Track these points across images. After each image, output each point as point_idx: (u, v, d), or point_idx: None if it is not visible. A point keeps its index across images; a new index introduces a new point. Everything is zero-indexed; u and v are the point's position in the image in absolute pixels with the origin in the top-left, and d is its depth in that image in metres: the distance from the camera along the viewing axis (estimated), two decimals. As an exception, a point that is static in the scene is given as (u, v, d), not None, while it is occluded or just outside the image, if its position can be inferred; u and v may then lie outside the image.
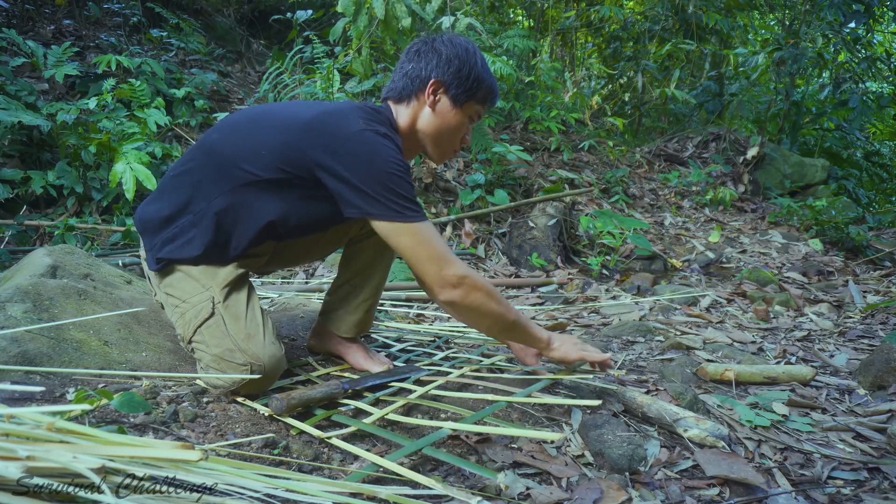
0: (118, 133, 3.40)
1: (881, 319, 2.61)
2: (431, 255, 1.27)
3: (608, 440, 1.25)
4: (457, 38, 1.40)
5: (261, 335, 1.32)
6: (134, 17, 5.15)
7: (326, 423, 1.28)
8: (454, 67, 1.36)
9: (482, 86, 1.39)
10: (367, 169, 1.24)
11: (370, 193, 1.24)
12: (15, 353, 1.25)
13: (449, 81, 1.37)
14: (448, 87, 1.37)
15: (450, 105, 1.39)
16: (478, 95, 1.39)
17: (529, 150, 5.23)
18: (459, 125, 1.41)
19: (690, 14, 6.12)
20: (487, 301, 1.32)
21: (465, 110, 1.40)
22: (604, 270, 3.67)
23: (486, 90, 1.40)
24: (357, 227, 1.59)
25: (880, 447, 1.38)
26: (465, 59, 1.36)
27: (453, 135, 1.43)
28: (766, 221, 5.03)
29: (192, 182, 1.35)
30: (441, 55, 1.37)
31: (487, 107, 1.44)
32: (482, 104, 1.42)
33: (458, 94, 1.38)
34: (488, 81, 1.40)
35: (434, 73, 1.37)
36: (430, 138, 1.42)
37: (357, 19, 3.66)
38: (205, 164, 1.35)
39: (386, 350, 1.85)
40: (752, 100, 6.71)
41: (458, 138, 1.44)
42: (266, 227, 1.33)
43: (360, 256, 1.62)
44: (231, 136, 1.35)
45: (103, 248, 2.97)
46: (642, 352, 2.06)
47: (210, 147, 1.36)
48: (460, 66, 1.36)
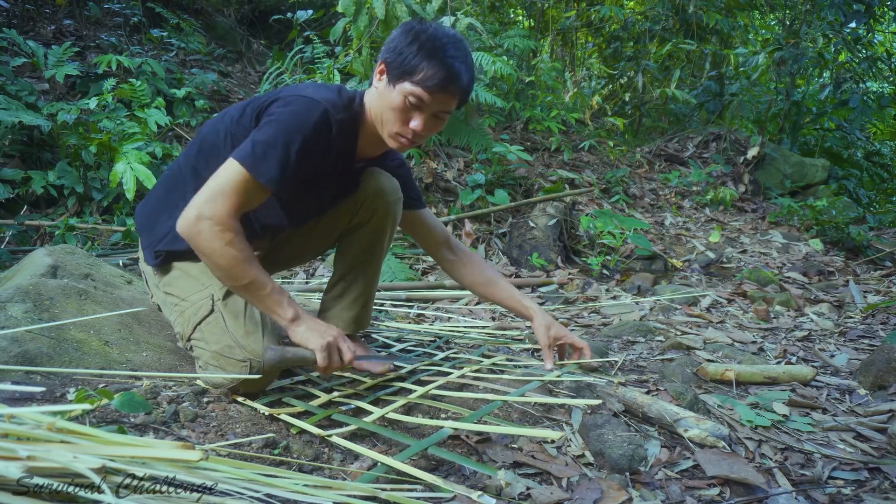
0: (118, 133, 3.40)
1: (882, 319, 2.61)
2: (213, 187, 1.24)
3: (608, 440, 1.25)
4: (425, 24, 1.33)
5: (260, 332, 1.33)
6: (134, 17, 5.15)
7: (327, 422, 1.28)
8: (391, 47, 1.32)
9: (417, 68, 1.28)
10: (267, 123, 1.26)
11: (251, 136, 1.26)
12: (15, 353, 1.25)
13: (388, 61, 1.32)
14: (388, 66, 1.32)
15: (385, 84, 1.33)
16: (414, 77, 1.29)
17: (530, 150, 5.22)
18: (396, 106, 1.31)
19: (691, 14, 6.12)
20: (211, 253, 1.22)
21: (399, 90, 1.30)
22: (604, 270, 3.67)
23: (424, 74, 1.28)
24: (346, 220, 1.59)
25: (881, 447, 1.38)
26: (402, 40, 1.30)
27: (392, 115, 1.33)
28: (767, 221, 5.03)
29: (184, 176, 1.40)
30: (390, 37, 1.34)
31: (432, 93, 1.30)
32: (422, 88, 1.28)
33: (391, 74, 1.32)
34: (431, 66, 1.27)
35: (381, 55, 1.35)
36: (377, 119, 1.37)
37: (357, 19, 3.66)
38: (195, 155, 1.41)
39: (386, 350, 1.85)
40: (753, 100, 6.71)
41: (400, 120, 1.33)
42: None
43: (352, 249, 1.63)
44: (217, 123, 1.41)
45: (104, 248, 2.97)
46: (643, 352, 2.06)
47: (200, 139, 1.42)
48: (396, 46, 1.31)
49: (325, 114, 1.29)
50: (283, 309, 1.29)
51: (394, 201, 1.57)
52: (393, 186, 1.56)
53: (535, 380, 1.53)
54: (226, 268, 1.24)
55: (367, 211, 1.57)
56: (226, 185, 1.23)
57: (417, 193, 1.69)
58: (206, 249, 1.23)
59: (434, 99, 1.30)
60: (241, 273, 1.24)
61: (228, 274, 1.25)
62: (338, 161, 1.42)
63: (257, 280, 1.26)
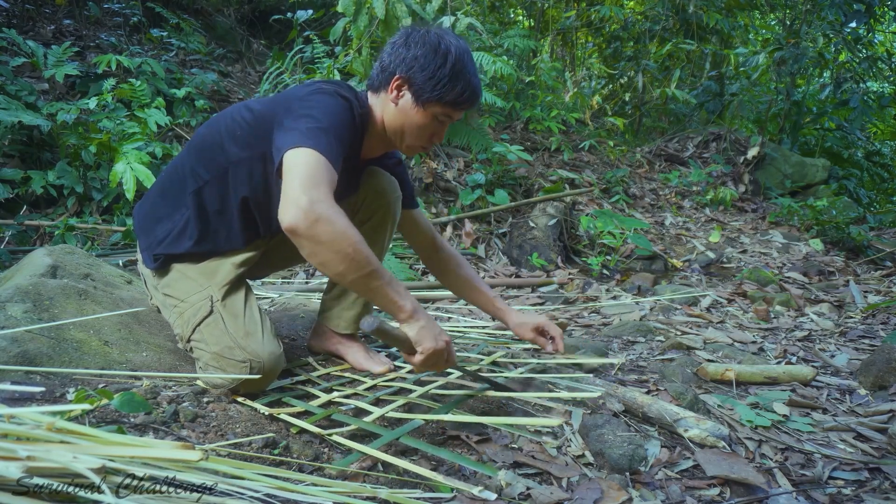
0: (118, 133, 3.40)
1: (882, 319, 2.61)
2: (302, 177, 1.11)
3: (608, 440, 1.25)
4: (439, 35, 1.32)
5: (259, 333, 1.33)
6: (134, 17, 5.15)
7: (327, 422, 1.28)
8: (418, 66, 1.29)
9: (449, 90, 1.29)
10: (299, 108, 1.24)
11: (288, 126, 1.20)
12: (15, 353, 1.25)
13: (412, 79, 1.30)
14: (411, 84, 1.31)
15: (412, 103, 1.32)
16: (446, 98, 1.30)
17: (530, 150, 5.22)
18: (423, 124, 1.33)
19: (691, 14, 6.12)
20: (335, 239, 1.10)
21: (428, 110, 1.32)
22: (604, 270, 3.67)
23: (455, 94, 1.30)
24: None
25: (881, 447, 1.38)
26: (432, 60, 1.29)
27: (417, 132, 1.35)
28: (767, 221, 5.03)
29: (183, 178, 1.40)
30: (409, 51, 1.31)
31: (461, 110, 1.35)
32: (452, 107, 1.32)
33: (420, 94, 1.31)
34: (459, 86, 1.29)
35: (399, 69, 1.32)
36: (394, 133, 1.38)
37: (357, 19, 3.66)
38: (194, 156, 1.40)
39: (386, 350, 1.85)
40: (753, 100, 6.71)
41: (425, 136, 1.36)
42: (243, 210, 1.37)
43: None
44: (214, 123, 1.41)
45: (103, 248, 2.97)
46: (643, 352, 2.06)
47: (198, 140, 1.42)
48: (425, 66, 1.29)
49: (352, 111, 1.32)
50: (403, 300, 1.19)
51: (393, 200, 1.57)
52: (392, 186, 1.57)
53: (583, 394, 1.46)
54: (351, 255, 1.11)
55: (367, 210, 1.57)
56: (313, 171, 1.12)
57: (412, 192, 1.70)
58: (330, 235, 1.09)
59: (461, 114, 1.39)
60: (364, 259, 1.13)
61: (353, 261, 1.12)
62: (348, 159, 1.42)
63: (380, 268, 1.16)
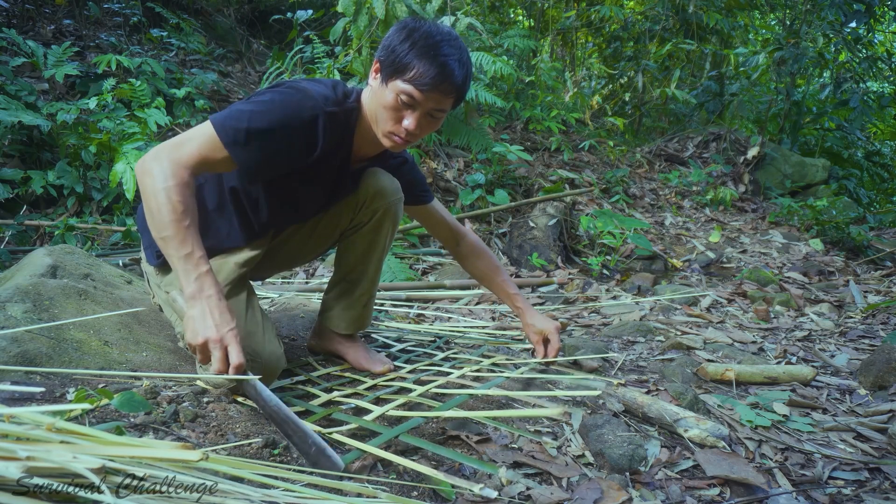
0: (118, 133, 3.40)
1: (882, 319, 2.61)
2: (181, 137, 1.24)
3: (608, 440, 1.25)
4: (422, 21, 1.32)
5: (260, 333, 1.33)
6: (134, 16, 5.15)
7: (326, 422, 1.28)
8: (384, 44, 1.31)
9: (409, 67, 1.27)
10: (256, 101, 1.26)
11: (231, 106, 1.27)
12: (15, 353, 1.25)
13: (381, 59, 1.32)
14: (381, 64, 1.32)
15: (379, 82, 1.32)
16: (406, 75, 1.27)
17: (530, 150, 5.22)
18: (389, 104, 1.31)
19: (691, 14, 6.12)
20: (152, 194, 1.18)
21: (391, 89, 1.29)
22: (604, 270, 3.67)
23: (415, 72, 1.27)
24: (346, 220, 1.59)
25: (881, 447, 1.38)
26: (396, 37, 1.29)
27: (385, 114, 1.32)
28: (767, 221, 5.03)
29: None
30: (386, 35, 1.34)
31: (423, 91, 1.28)
32: (413, 85, 1.27)
33: (384, 72, 1.31)
34: (423, 65, 1.26)
35: (377, 53, 1.34)
36: (372, 119, 1.37)
37: (357, 19, 3.66)
38: None
39: (386, 350, 1.85)
40: (753, 100, 6.71)
41: (393, 119, 1.33)
42: (235, 203, 1.39)
43: (353, 250, 1.63)
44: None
45: (103, 248, 2.97)
46: (643, 352, 2.06)
47: None
48: (389, 44, 1.30)
49: (315, 109, 1.28)
50: (187, 280, 1.19)
51: (394, 202, 1.56)
52: (393, 187, 1.56)
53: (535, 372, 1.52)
54: (154, 212, 1.18)
55: (367, 211, 1.56)
56: (193, 135, 1.23)
57: (424, 188, 1.70)
58: (148, 188, 1.19)
59: (427, 97, 1.28)
60: (165, 223, 1.18)
61: (154, 220, 1.19)
62: (332, 156, 1.40)
63: (177, 238, 1.18)
